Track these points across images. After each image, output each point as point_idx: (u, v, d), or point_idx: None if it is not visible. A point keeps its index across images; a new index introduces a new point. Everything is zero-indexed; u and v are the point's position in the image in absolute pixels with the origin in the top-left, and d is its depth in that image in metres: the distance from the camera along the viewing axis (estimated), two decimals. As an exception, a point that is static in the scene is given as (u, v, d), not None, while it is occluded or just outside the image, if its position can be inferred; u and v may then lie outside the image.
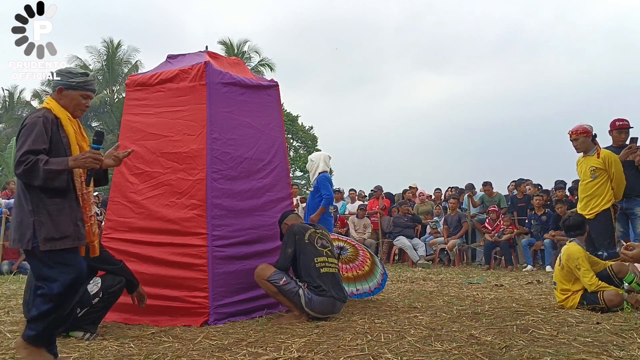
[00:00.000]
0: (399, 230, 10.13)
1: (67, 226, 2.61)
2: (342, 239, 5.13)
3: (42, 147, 2.56)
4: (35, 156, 2.52)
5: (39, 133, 2.58)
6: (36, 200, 2.59)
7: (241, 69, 4.82)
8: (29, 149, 2.53)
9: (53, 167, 2.52)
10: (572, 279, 4.20)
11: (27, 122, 2.64)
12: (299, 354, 2.86)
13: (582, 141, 4.94)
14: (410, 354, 2.81)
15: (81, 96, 2.80)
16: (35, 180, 2.52)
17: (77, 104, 2.80)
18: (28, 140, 2.55)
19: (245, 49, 30.01)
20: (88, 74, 2.82)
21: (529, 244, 8.76)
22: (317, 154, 6.02)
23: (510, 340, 3.04)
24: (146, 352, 3.00)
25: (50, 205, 2.60)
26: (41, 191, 2.59)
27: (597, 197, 4.83)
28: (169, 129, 4.28)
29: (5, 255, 9.21)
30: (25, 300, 3.51)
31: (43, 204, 2.58)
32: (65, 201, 2.65)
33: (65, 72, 2.80)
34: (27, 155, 2.51)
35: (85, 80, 2.79)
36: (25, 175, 2.53)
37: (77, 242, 2.66)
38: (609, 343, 2.94)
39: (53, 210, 2.60)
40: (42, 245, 2.55)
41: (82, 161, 2.60)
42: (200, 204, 4.04)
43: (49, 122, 2.65)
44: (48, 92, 30.49)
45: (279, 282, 3.89)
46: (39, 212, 2.57)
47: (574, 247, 4.22)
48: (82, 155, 2.62)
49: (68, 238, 2.61)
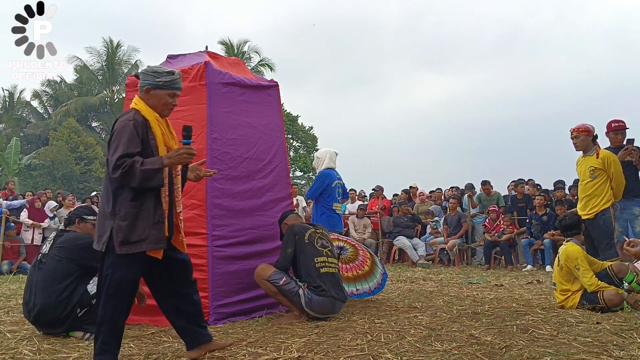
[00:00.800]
0: (399, 230, 10.13)
1: (144, 229, 2.60)
2: (342, 239, 5.13)
3: (136, 150, 2.59)
4: (131, 159, 2.55)
5: (132, 136, 2.61)
6: (117, 203, 2.61)
7: (241, 69, 4.82)
8: (124, 153, 2.55)
9: (149, 167, 2.55)
10: (571, 279, 4.20)
11: (118, 126, 2.66)
12: (299, 354, 2.86)
13: (583, 140, 4.93)
14: (410, 354, 2.81)
15: (168, 95, 2.80)
16: (133, 182, 2.55)
17: (165, 103, 2.80)
18: (121, 144, 2.58)
19: (245, 49, 30.03)
20: (174, 72, 2.83)
21: (529, 244, 8.76)
22: (323, 150, 5.88)
23: (510, 340, 3.04)
24: (146, 352, 3.00)
25: (130, 209, 2.60)
26: (123, 193, 2.61)
27: (597, 197, 4.83)
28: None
29: (5, 255, 9.21)
30: (25, 300, 3.51)
31: (123, 207, 2.60)
32: (146, 202, 2.64)
33: (152, 72, 2.80)
34: (123, 159, 2.54)
35: (171, 79, 2.79)
36: (122, 178, 2.54)
37: (153, 246, 2.63)
38: (609, 343, 2.94)
39: (132, 213, 2.60)
40: (118, 249, 2.56)
41: (176, 158, 2.64)
42: (200, 204, 4.04)
43: (139, 124, 2.67)
44: (48, 92, 30.55)
45: (279, 282, 3.89)
46: (118, 216, 2.59)
47: (572, 247, 4.22)
48: (176, 152, 2.65)
49: (144, 242, 2.60)
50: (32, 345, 3.20)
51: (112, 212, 2.60)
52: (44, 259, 3.50)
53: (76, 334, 3.41)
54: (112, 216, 2.60)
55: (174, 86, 2.81)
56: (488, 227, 9.31)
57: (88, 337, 3.37)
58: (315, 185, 5.56)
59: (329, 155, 5.73)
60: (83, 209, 3.86)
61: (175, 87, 2.81)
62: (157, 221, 2.64)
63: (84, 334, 3.40)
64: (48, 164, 25.02)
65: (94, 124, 31.74)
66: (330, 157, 5.73)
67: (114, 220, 2.59)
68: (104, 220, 2.65)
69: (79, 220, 3.72)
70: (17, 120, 30.60)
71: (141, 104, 2.77)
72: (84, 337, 3.38)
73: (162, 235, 2.65)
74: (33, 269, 3.58)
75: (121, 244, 2.56)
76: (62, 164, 24.81)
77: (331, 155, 5.75)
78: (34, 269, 3.55)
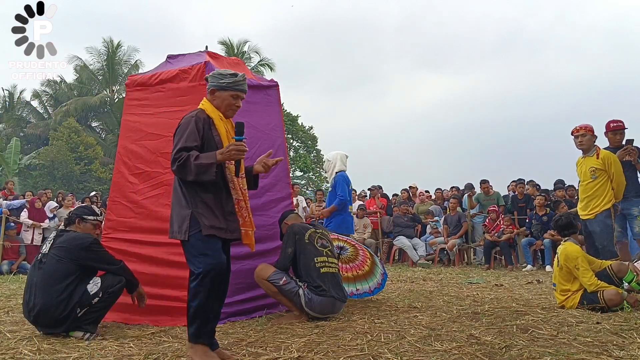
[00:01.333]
0: (399, 230, 10.13)
1: (219, 219, 2.77)
2: (342, 238, 5.12)
3: (193, 144, 2.71)
4: (187, 152, 2.66)
5: (191, 131, 2.73)
6: (191, 194, 2.76)
7: (241, 69, 4.82)
8: (182, 146, 2.69)
9: (203, 161, 2.65)
10: (571, 279, 4.19)
11: (181, 122, 2.81)
12: (299, 354, 2.86)
13: (589, 138, 4.92)
14: (410, 354, 2.81)
15: (231, 96, 2.89)
16: (188, 175, 2.67)
17: (228, 104, 2.90)
18: (181, 139, 2.72)
19: (245, 49, 30.03)
20: (237, 75, 2.90)
21: (529, 244, 8.76)
22: (333, 153, 5.92)
23: (510, 340, 3.04)
24: (146, 352, 3.00)
25: (205, 199, 2.76)
26: (195, 186, 2.75)
27: (598, 197, 4.82)
28: (168, 129, 4.25)
29: (5, 255, 9.21)
30: (25, 300, 3.51)
31: (199, 197, 2.75)
32: (217, 196, 2.80)
33: (217, 74, 2.91)
34: (180, 153, 2.67)
35: (234, 81, 2.87)
36: (179, 171, 2.69)
37: (230, 235, 2.82)
38: (609, 343, 2.94)
39: (208, 201, 2.75)
40: (206, 230, 2.69)
41: (227, 154, 2.70)
42: (200, 204, 4.03)
43: (201, 121, 2.79)
44: (48, 92, 30.55)
45: (279, 282, 3.89)
46: (195, 205, 2.74)
47: (571, 247, 4.21)
48: (227, 148, 2.72)
49: (222, 230, 2.77)
50: (32, 345, 3.20)
51: (186, 203, 2.75)
52: (44, 259, 3.50)
53: (76, 334, 3.41)
54: (188, 206, 2.73)
55: (237, 88, 2.90)
56: (488, 227, 9.31)
57: (88, 337, 3.38)
58: (342, 188, 5.64)
59: (340, 158, 5.80)
60: (83, 209, 3.87)
61: (238, 89, 2.90)
62: (230, 212, 2.82)
63: (84, 333, 3.40)
64: (48, 164, 25.02)
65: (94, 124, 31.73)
66: (341, 160, 5.81)
67: (191, 209, 2.72)
68: (180, 209, 2.77)
69: (79, 220, 3.72)
70: (17, 120, 30.60)
71: (207, 104, 2.91)
72: (84, 337, 3.38)
73: (237, 225, 2.85)
74: (33, 269, 3.58)
75: (208, 227, 2.70)
76: (62, 164, 24.81)
77: (342, 158, 5.82)
78: (34, 269, 3.55)
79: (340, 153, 5.87)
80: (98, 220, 3.80)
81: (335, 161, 5.78)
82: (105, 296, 3.48)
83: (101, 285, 3.48)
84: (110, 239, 4.26)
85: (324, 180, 32.46)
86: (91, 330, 3.45)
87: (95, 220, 3.77)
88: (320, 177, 32.72)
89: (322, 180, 32.41)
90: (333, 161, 5.79)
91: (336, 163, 5.76)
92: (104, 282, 3.50)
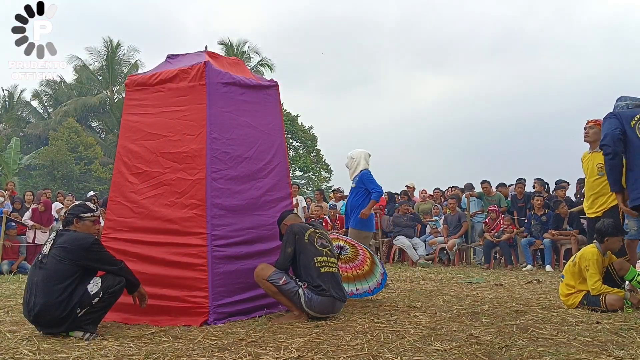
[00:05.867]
0: (398, 229, 10.13)
1: None
2: (342, 238, 5.13)
3: None
4: None
5: None
6: None
7: (241, 69, 4.82)
8: None
9: None
10: (580, 277, 4.20)
11: None
12: (299, 354, 2.86)
13: (595, 132, 4.85)
14: (410, 354, 2.81)
15: None
16: None
17: None
18: None
19: (245, 49, 30.03)
20: None
21: (528, 244, 8.76)
22: (357, 151, 5.94)
23: (510, 340, 3.04)
24: (146, 352, 3.00)
25: None
26: None
27: (605, 194, 4.76)
28: (168, 128, 4.28)
29: (5, 255, 9.21)
30: (25, 300, 3.50)
31: None
32: None
33: None
34: None
35: None
36: None
37: None
38: (609, 343, 2.94)
39: None
40: None
41: None
42: (200, 203, 4.04)
43: None
44: (48, 92, 30.55)
45: (279, 282, 3.89)
46: None
47: (591, 248, 4.23)
48: None
49: None
50: (32, 345, 3.20)
51: None
52: (44, 259, 3.50)
53: (76, 334, 3.41)
54: None
55: None
56: (488, 224, 9.30)
57: (88, 337, 3.37)
58: (375, 185, 5.72)
59: (364, 156, 5.90)
60: (79, 208, 3.82)
61: None
62: None
63: (84, 333, 3.40)
64: (48, 163, 25.02)
65: (94, 124, 31.75)
66: (365, 158, 5.90)
67: None
68: None
69: (76, 220, 3.70)
70: (17, 120, 30.60)
71: None
72: (84, 337, 3.38)
73: None
74: (34, 269, 3.58)
75: None
76: (62, 163, 24.82)
77: (366, 157, 5.91)
78: (35, 269, 3.55)
79: (364, 151, 5.94)
80: (95, 215, 3.78)
81: (359, 159, 5.87)
82: (105, 296, 3.47)
83: (101, 286, 3.48)
84: (110, 239, 4.26)
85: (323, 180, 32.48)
86: (91, 330, 3.44)
87: (93, 216, 3.75)
88: (320, 177, 32.74)
89: (322, 180, 32.43)
90: (357, 159, 5.88)
91: (360, 161, 5.86)
92: (104, 283, 3.50)
